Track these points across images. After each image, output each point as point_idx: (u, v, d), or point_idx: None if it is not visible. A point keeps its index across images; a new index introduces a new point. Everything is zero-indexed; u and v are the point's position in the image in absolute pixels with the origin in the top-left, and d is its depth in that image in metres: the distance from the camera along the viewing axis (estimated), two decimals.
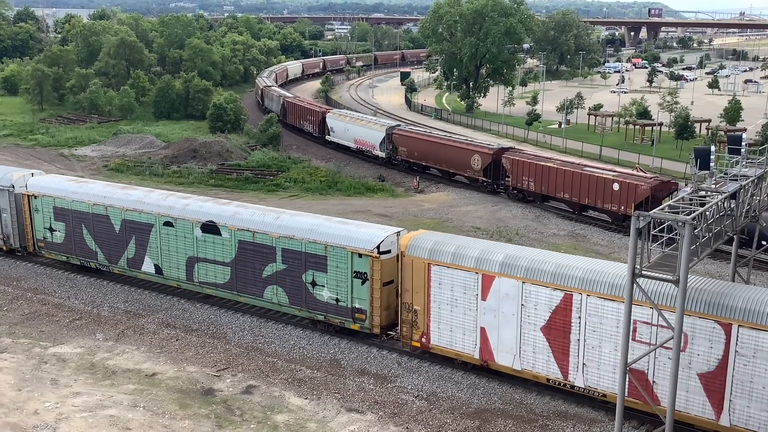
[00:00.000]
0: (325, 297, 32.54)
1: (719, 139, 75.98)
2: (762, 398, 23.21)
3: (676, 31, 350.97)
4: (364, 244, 31.16)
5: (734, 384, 23.69)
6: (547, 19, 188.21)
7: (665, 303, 23.98)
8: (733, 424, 23.88)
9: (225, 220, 34.76)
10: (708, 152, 25.74)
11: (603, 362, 26.04)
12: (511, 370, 28.43)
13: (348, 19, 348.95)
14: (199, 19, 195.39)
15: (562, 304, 26.58)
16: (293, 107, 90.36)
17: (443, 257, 29.09)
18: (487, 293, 28.24)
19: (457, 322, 29.25)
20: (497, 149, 59.36)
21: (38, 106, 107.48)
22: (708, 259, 40.22)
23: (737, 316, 23.18)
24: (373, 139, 70.78)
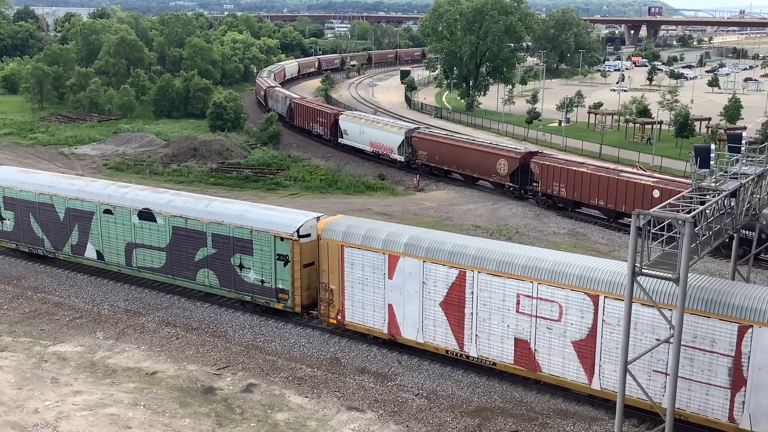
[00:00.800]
0: (251, 279, 34.47)
1: (719, 137, 75.98)
2: None
3: (676, 30, 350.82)
4: (285, 228, 33.20)
5: (603, 350, 25.90)
6: (547, 17, 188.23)
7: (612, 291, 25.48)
8: (603, 387, 26.12)
9: (160, 207, 36.71)
10: (708, 150, 25.72)
11: (492, 333, 28.37)
12: (415, 343, 30.40)
13: (348, 17, 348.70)
14: (199, 18, 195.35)
15: (457, 281, 28.68)
16: (301, 109, 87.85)
17: (355, 239, 31.06)
18: (393, 272, 30.23)
19: (367, 299, 31.27)
20: (525, 153, 57.24)
21: (38, 104, 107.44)
22: (708, 257, 40.23)
23: (604, 288, 25.42)
24: (390, 142, 68.51)
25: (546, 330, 26.92)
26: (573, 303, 26.24)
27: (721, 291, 24.09)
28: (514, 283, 27.28)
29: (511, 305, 27.64)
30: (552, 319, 26.87)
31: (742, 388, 23.68)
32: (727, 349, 23.65)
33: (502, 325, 28.03)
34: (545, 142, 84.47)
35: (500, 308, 27.90)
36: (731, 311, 23.43)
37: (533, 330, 27.30)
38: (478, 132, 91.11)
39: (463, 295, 28.69)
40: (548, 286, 26.42)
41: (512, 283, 27.38)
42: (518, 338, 27.71)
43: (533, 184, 55.63)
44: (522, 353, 27.70)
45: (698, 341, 24.07)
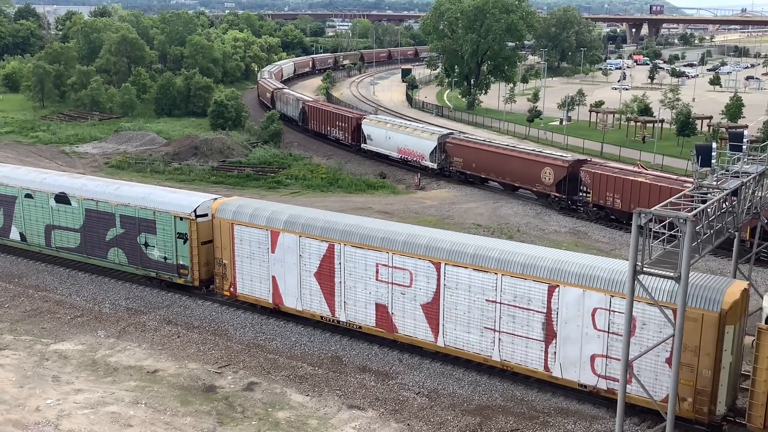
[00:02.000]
0: (156, 256, 37.20)
1: (721, 135, 75.87)
2: (463, 322, 28.90)
3: (678, 28, 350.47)
4: (184, 209, 36.01)
5: (445, 312, 29.24)
6: (549, 15, 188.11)
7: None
8: (446, 344, 29.59)
9: (74, 191, 39.38)
10: (709, 149, 25.73)
11: (358, 300, 31.42)
12: (295, 311, 33.42)
13: (349, 15, 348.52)
14: (200, 16, 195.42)
15: (327, 253, 31.76)
16: (317, 112, 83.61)
17: (243, 218, 34.03)
18: (275, 247, 33.21)
19: (255, 272, 34.14)
20: (573, 161, 53.71)
21: (39, 103, 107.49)
22: (709, 255, 40.20)
23: (445, 256, 28.81)
24: (421, 148, 65.33)
25: (400, 295, 30.24)
26: (421, 270, 29.48)
27: (535, 256, 27.66)
28: (374, 254, 30.50)
29: (372, 274, 30.76)
30: (405, 285, 30.09)
31: (554, 341, 27.10)
32: (540, 307, 27.12)
33: (365, 292, 31.14)
34: (546, 141, 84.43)
35: (363, 277, 31.00)
36: (542, 273, 26.88)
37: (390, 295, 30.51)
38: (478, 130, 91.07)
39: (332, 266, 31.71)
40: (401, 255, 29.81)
41: (372, 254, 30.56)
42: (378, 303, 30.91)
43: (581, 193, 52.33)
44: (382, 317, 30.94)
45: (518, 300, 27.58)
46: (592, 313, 26.02)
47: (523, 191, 57.88)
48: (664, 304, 23.46)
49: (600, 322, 25.98)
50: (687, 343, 23.81)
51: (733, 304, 23.80)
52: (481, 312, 28.33)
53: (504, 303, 27.84)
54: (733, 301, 23.82)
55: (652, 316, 24.51)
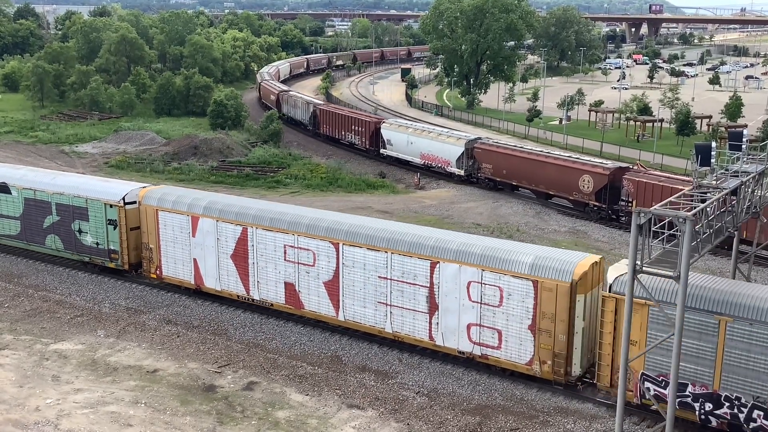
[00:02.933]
0: (89, 242, 39.32)
1: (720, 135, 75.90)
2: (359, 297, 31.38)
3: (677, 27, 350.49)
4: (113, 197, 38.26)
5: (344, 288, 31.62)
6: (548, 15, 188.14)
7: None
8: (346, 318, 32.01)
9: (14, 181, 41.27)
10: (709, 148, 25.72)
11: (269, 279, 33.68)
12: (215, 291, 35.64)
13: (349, 15, 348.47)
14: (200, 16, 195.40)
15: (242, 236, 34.05)
16: (329, 116, 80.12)
17: (167, 204, 36.35)
18: (195, 231, 35.46)
19: (178, 255, 36.40)
20: (614, 169, 50.35)
21: (39, 102, 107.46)
22: (708, 255, 40.21)
23: (343, 237, 31.30)
24: (447, 154, 62.65)
25: (306, 274, 32.64)
26: (323, 251, 31.89)
27: (419, 235, 30.37)
28: (282, 236, 32.92)
29: (281, 255, 33.13)
30: (309, 264, 32.48)
31: (436, 312, 29.71)
32: (424, 282, 29.69)
33: (275, 271, 33.52)
34: (546, 140, 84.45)
35: (273, 257, 33.41)
36: (425, 251, 29.47)
37: (297, 274, 32.93)
38: (478, 130, 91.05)
39: (246, 248, 34.09)
40: (305, 237, 32.23)
41: (280, 236, 32.97)
42: (287, 282, 33.31)
43: (624, 203, 48.94)
44: (290, 294, 33.30)
45: (405, 276, 30.09)
46: (467, 286, 28.77)
47: (558, 200, 54.89)
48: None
49: (474, 294, 28.72)
50: (545, 311, 27.17)
51: (583, 275, 26.72)
52: (374, 288, 30.97)
53: (394, 279, 30.42)
54: (583, 272, 26.74)
55: (516, 287, 27.67)
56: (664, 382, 24.58)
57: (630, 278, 21.31)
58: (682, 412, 24.59)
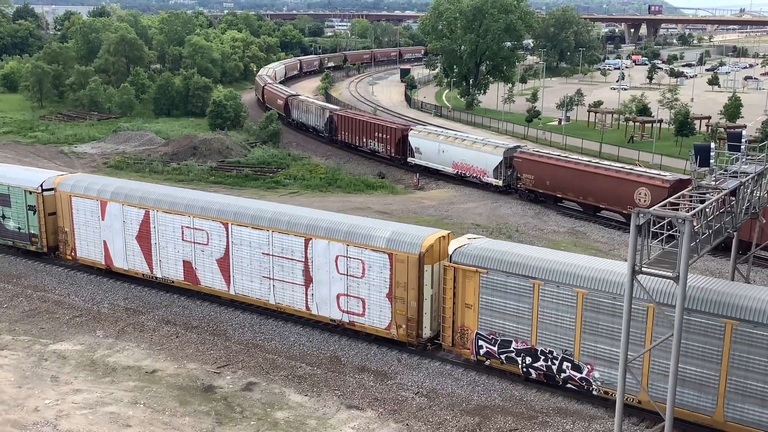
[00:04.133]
0: (12, 226, 41.94)
1: (719, 135, 75.94)
2: (247, 272, 34.21)
3: (676, 28, 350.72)
4: (32, 184, 40.83)
5: (234, 265, 34.62)
6: (547, 15, 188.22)
7: None
8: (236, 292, 34.89)
9: None
10: (708, 149, 25.73)
11: (169, 258, 36.51)
12: (123, 270, 38.43)
13: (348, 15, 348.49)
14: (199, 16, 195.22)
15: (144, 219, 36.89)
16: (349, 122, 75.90)
17: (79, 190, 39.02)
18: (104, 215, 38.27)
19: (90, 238, 39.17)
20: (674, 181, 46.24)
21: (38, 103, 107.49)
22: (708, 255, 40.20)
23: (231, 217, 34.20)
24: (483, 163, 59.39)
25: (201, 252, 35.37)
26: (215, 230, 34.70)
27: (296, 215, 33.45)
28: (179, 218, 35.70)
29: (179, 235, 35.90)
30: (203, 243, 35.25)
31: (311, 284, 32.52)
32: (300, 257, 32.52)
33: (174, 251, 36.27)
34: (545, 141, 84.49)
35: (172, 238, 36.18)
36: (300, 228, 32.52)
37: (193, 253, 35.67)
38: (477, 130, 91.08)
39: (149, 229, 36.89)
40: (199, 218, 35.06)
41: (178, 218, 35.74)
42: (185, 260, 36.07)
43: None
44: (188, 272, 36.11)
45: (284, 252, 32.90)
46: (335, 260, 31.66)
47: (609, 213, 51.43)
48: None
49: (341, 267, 31.63)
50: (398, 280, 30.20)
51: (430, 248, 29.89)
52: (259, 263, 33.87)
53: (275, 255, 33.30)
54: (430, 245, 29.91)
55: (375, 260, 30.59)
56: (493, 340, 28.56)
57: (629, 279, 21.31)
58: (509, 366, 28.45)
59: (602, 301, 25.84)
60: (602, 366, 26.32)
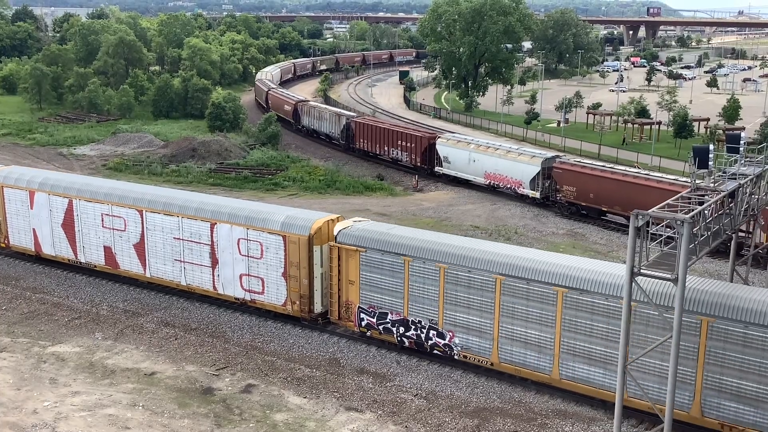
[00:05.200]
0: None
1: (718, 137, 76.04)
2: (161, 256, 36.73)
3: (675, 30, 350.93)
4: None
5: (149, 249, 36.93)
6: (546, 17, 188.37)
7: None
8: (152, 275, 37.33)
9: None
10: (707, 151, 25.75)
11: (91, 244, 39.00)
12: (51, 256, 40.66)
13: (347, 17, 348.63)
14: (198, 18, 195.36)
15: (68, 207, 39.27)
16: (368, 130, 72.59)
17: (10, 182, 41.32)
18: (33, 204, 40.54)
19: (21, 226, 41.44)
20: None
21: (37, 105, 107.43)
22: (707, 257, 40.21)
23: (145, 205, 36.78)
24: (519, 173, 56.43)
25: (119, 238, 37.88)
26: (131, 217, 37.17)
27: (203, 202, 35.71)
28: (100, 206, 38.08)
29: (99, 222, 38.39)
30: (121, 230, 37.70)
31: (217, 266, 35.03)
32: (207, 240, 35.01)
33: (96, 237, 38.71)
34: (544, 143, 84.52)
35: (93, 225, 38.61)
36: (207, 214, 34.90)
37: (113, 239, 38.10)
38: (476, 132, 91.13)
39: (72, 217, 39.19)
40: (117, 206, 37.51)
41: (98, 206, 38.10)
42: (106, 246, 38.50)
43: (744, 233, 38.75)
44: (109, 256, 38.50)
45: (193, 236, 35.39)
46: (237, 243, 34.17)
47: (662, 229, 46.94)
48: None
49: (243, 249, 34.14)
50: (292, 260, 32.73)
51: (318, 230, 32.45)
52: (171, 247, 36.29)
53: (185, 239, 35.72)
54: (318, 228, 32.46)
55: (272, 241, 33.12)
56: (373, 313, 31.36)
57: (628, 281, 21.31)
58: (386, 336, 31.23)
59: (459, 274, 28.76)
60: (461, 333, 29.38)
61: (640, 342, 24.68)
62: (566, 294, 26.41)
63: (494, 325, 28.38)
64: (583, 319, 26.24)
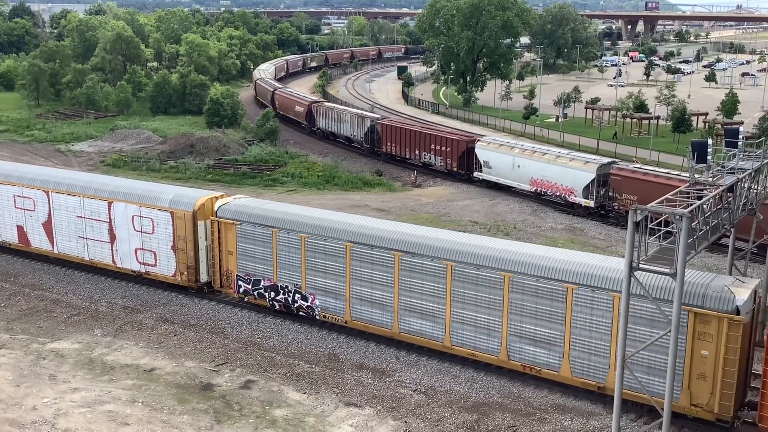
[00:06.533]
0: None
1: (716, 132, 76.03)
2: (66, 233, 39.53)
3: (673, 25, 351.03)
4: None
5: (56, 228, 39.94)
6: (544, 12, 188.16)
7: None
8: (59, 251, 40.29)
9: None
10: (705, 145, 25.75)
11: (6, 224, 41.59)
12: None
13: (345, 13, 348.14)
14: (196, 14, 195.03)
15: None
16: (396, 133, 68.76)
17: None
18: None
19: None
20: None
21: (35, 101, 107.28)
22: (705, 251, 40.25)
23: (52, 186, 39.68)
24: (570, 180, 52.45)
25: (30, 218, 40.72)
26: (39, 198, 40.06)
27: (102, 183, 39.45)
28: (12, 188, 41.01)
29: (12, 204, 41.21)
30: (31, 210, 40.67)
31: (115, 241, 38.22)
32: (105, 218, 38.25)
33: (10, 217, 41.51)
34: (542, 138, 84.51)
35: (8, 206, 41.40)
36: (104, 194, 38.05)
37: (24, 218, 41.07)
38: (475, 127, 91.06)
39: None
40: (27, 188, 40.35)
41: (11, 189, 41.07)
42: (18, 225, 41.40)
43: None
44: (21, 235, 41.51)
45: (93, 214, 38.40)
46: (132, 219, 37.23)
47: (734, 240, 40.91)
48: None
49: (137, 225, 37.22)
50: (179, 234, 35.82)
51: (202, 206, 35.58)
52: (75, 225, 39.19)
53: (86, 217, 38.71)
54: (201, 204, 35.59)
55: (162, 218, 36.19)
56: (249, 280, 34.48)
57: (626, 275, 21.33)
58: (261, 301, 34.38)
59: (317, 243, 32.16)
60: (321, 295, 32.68)
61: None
62: (402, 257, 30.08)
63: (346, 288, 31.90)
64: (417, 280, 29.94)
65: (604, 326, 26.11)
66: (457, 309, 29.22)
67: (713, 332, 23.94)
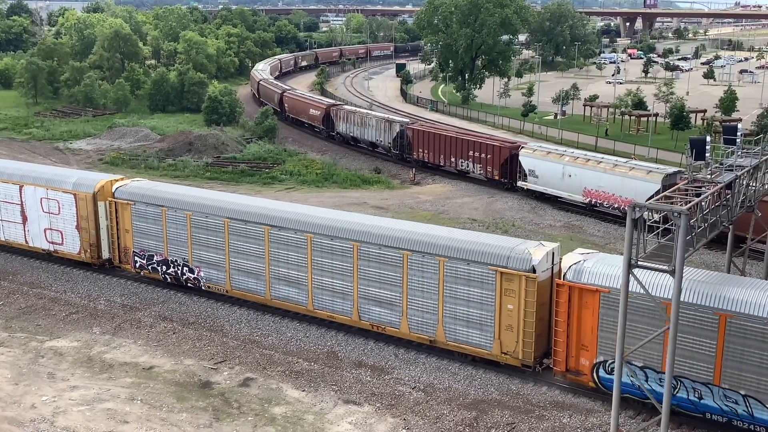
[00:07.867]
0: None
1: (715, 129, 76.04)
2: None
3: (672, 22, 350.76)
4: None
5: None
6: (543, 9, 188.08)
7: None
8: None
9: None
10: (703, 142, 25.78)
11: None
12: None
13: (343, 11, 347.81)
14: (194, 12, 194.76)
15: None
16: (430, 139, 64.50)
17: None
18: None
19: None
20: None
21: (33, 99, 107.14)
22: (704, 248, 40.26)
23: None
24: (630, 191, 47.20)
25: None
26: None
27: (13, 168, 42.15)
28: None
29: None
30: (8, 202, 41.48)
31: (26, 222, 40.71)
32: (17, 201, 40.79)
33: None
34: (541, 135, 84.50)
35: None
36: (16, 179, 40.52)
37: None
38: (474, 125, 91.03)
39: None
40: None
41: None
42: None
43: None
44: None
45: (7, 198, 40.92)
46: (41, 202, 39.96)
47: None
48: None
49: (45, 207, 39.90)
50: (82, 214, 38.49)
51: (102, 188, 38.36)
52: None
53: (1, 201, 41.34)
54: (101, 186, 38.40)
55: (66, 200, 38.83)
56: (144, 255, 37.29)
57: (625, 272, 21.33)
58: (154, 274, 37.27)
59: (200, 219, 35.11)
60: (205, 268, 35.53)
61: None
62: (270, 231, 33.14)
63: (226, 260, 34.82)
64: (284, 251, 33.02)
65: (432, 288, 29.73)
66: (317, 276, 32.52)
67: (516, 288, 27.84)
